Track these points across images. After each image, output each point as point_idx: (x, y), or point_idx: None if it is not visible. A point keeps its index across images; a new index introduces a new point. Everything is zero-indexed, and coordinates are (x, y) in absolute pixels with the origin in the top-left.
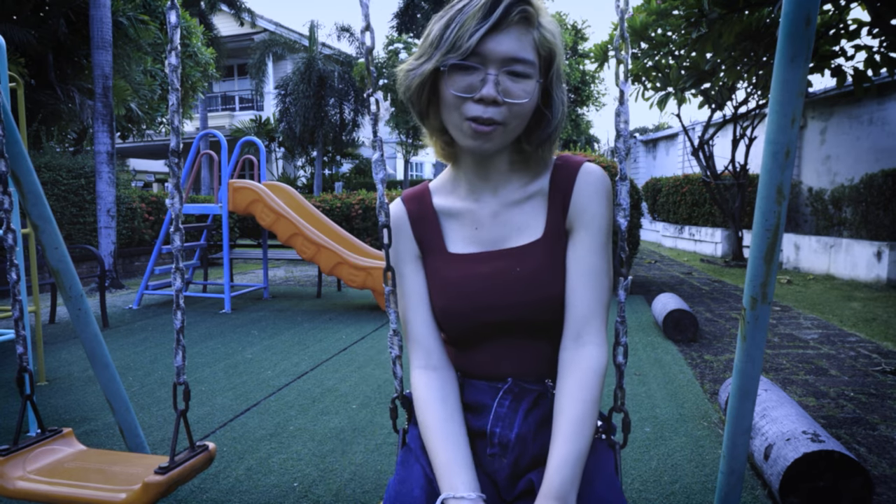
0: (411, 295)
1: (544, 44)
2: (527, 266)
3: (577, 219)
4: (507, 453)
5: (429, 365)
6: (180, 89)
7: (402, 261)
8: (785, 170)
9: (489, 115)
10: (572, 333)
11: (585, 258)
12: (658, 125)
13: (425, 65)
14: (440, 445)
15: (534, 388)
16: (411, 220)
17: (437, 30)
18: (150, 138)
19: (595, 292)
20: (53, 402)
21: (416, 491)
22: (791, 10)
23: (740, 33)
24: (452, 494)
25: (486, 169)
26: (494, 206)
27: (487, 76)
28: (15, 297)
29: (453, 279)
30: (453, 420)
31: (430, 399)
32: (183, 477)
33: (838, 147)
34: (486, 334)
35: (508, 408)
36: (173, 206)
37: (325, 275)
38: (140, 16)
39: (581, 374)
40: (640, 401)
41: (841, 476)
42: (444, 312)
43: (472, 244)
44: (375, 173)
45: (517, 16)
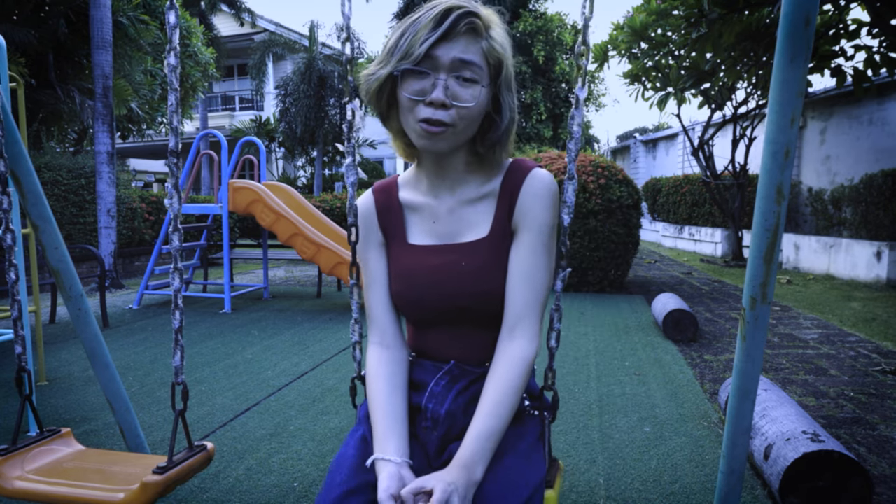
0: (372, 279)
1: (492, 53)
2: (472, 261)
3: (521, 220)
4: (437, 427)
5: (382, 342)
6: (180, 89)
7: (367, 247)
8: (785, 170)
9: (438, 117)
10: (507, 327)
11: (525, 258)
12: (658, 125)
13: (382, 70)
14: (380, 415)
15: (474, 370)
16: (378, 210)
17: (393, 39)
18: (151, 138)
19: (531, 291)
20: (53, 402)
21: (352, 451)
22: (791, 10)
23: (740, 33)
24: (382, 456)
25: (443, 168)
26: (451, 203)
27: (437, 81)
28: (14, 297)
29: (408, 267)
30: (396, 394)
31: (379, 374)
32: (181, 477)
33: (838, 147)
34: (435, 320)
35: (443, 387)
36: (172, 206)
37: (325, 275)
38: (140, 16)
39: (508, 364)
40: (640, 401)
41: (841, 476)
42: (398, 297)
43: (429, 237)
44: (347, 177)
45: (465, 27)
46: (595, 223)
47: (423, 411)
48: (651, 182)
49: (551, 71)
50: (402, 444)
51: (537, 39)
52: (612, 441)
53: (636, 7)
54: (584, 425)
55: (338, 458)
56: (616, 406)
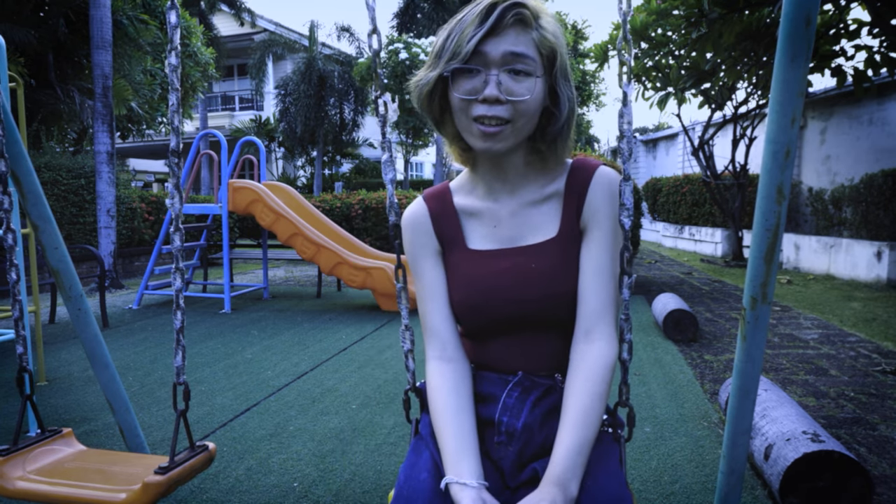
0: (430, 288)
1: (545, 43)
2: (542, 263)
3: (590, 219)
4: (513, 442)
5: (444, 356)
6: (180, 89)
7: (422, 256)
8: (785, 170)
9: (494, 113)
10: (583, 329)
11: (598, 257)
12: (658, 125)
13: (431, 73)
14: (449, 434)
15: (543, 381)
16: (432, 217)
17: (440, 41)
18: (150, 138)
19: (606, 290)
20: (53, 402)
21: (424, 475)
22: (791, 10)
23: (740, 33)
24: (456, 480)
25: (503, 170)
26: (512, 206)
27: (489, 77)
28: (15, 297)
29: (472, 274)
30: (463, 410)
31: (443, 389)
32: (183, 477)
33: (838, 147)
34: (500, 328)
35: (517, 399)
36: (173, 206)
37: (325, 275)
38: (140, 15)
39: (589, 368)
40: (640, 401)
41: (841, 476)
42: (462, 305)
43: (491, 241)
44: (385, 174)
45: (512, 18)
46: None
47: (497, 425)
48: (651, 182)
49: None
50: (476, 465)
51: None
52: None
53: (636, 7)
54: None
55: (408, 481)
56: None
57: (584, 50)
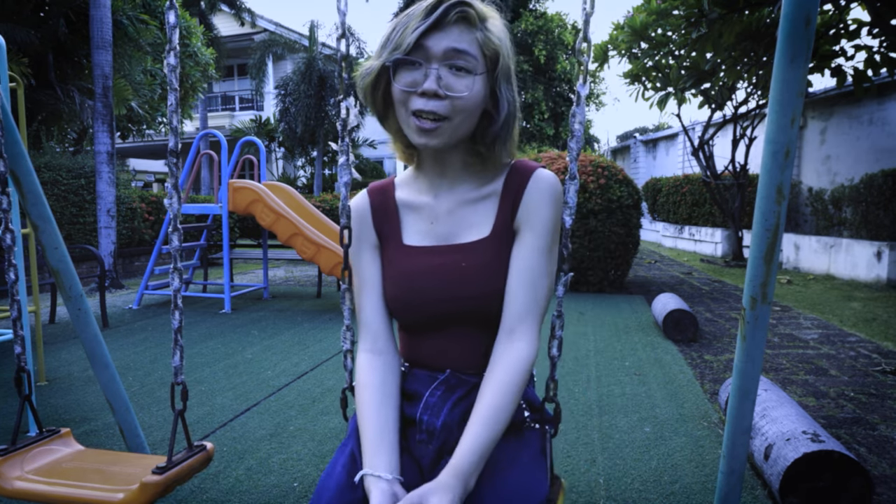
0: (366, 281)
1: (488, 44)
2: (472, 261)
3: (524, 221)
4: (433, 440)
5: (374, 349)
6: (179, 89)
7: (360, 249)
8: (785, 170)
9: (431, 108)
10: (506, 329)
11: (527, 258)
12: (658, 125)
13: (374, 63)
14: (370, 428)
15: (470, 379)
16: (373, 210)
17: (386, 32)
18: (150, 138)
19: (531, 292)
20: (53, 402)
21: (338, 468)
22: (791, 10)
23: (740, 33)
24: (371, 472)
25: (443, 167)
26: (450, 203)
27: (429, 70)
28: (13, 297)
29: (405, 270)
30: (386, 404)
31: (370, 382)
32: (181, 477)
33: (838, 147)
34: (432, 324)
35: (439, 398)
36: (171, 206)
37: (325, 275)
38: (140, 15)
39: (506, 367)
40: (640, 401)
41: (841, 476)
42: (394, 301)
43: (427, 237)
44: (340, 177)
45: (455, 16)
46: (595, 223)
47: (418, 424)
48: (651, 182)
49: (552, 70)
50: (393, 459)
51: (538, 39)
52: (612, 441)
53: (636, 7)
54: (584, 425)
55: (324, 477)
56: (616, 406)
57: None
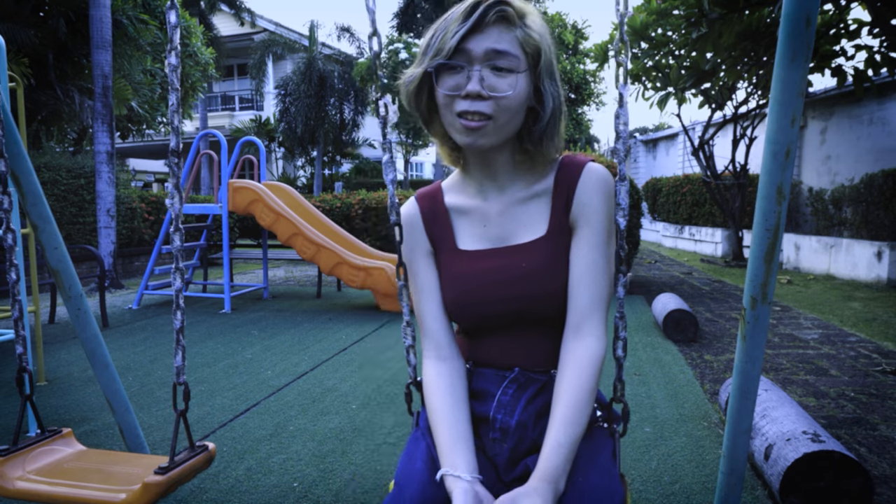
0: (423, 289)
1: (529, 41)
2: (531, 261)
3: (579, 216)
4: (507, 438)
5: (439, 356)
6: (180, 89)
7: (415, 256)
8: (785, 170)
9: (476, 108)
10: (573, 326)
11: (587, 254)
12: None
13: (417, 70)
14: (444, 430)
15: (539, 377)
16: (424, 217)
17: (426, 39)
18: (150, 138)
19: (595, 287)
20: (53, 402)
21: (419, 464)
22: (791, 10)
23: (740, 33)
24: (451, 472)
25: (491, 168)
26: (501, 205)
27: (472, 73)
28: (14, 297)
29: (462, 274)
30: (458, 407)
31: (439, 388)
32: (183, 477)
33: (838, 147)
34: (493, 326)
35: (512, 396)
36: (173, 206)
37: (325, 275)
38: (140, 15)
39: (578, 365)
40: (640, 401)
41: (841, 476)
42: (454, 305)
43: (481, 241)
44: (386, 174)
45: (494, 16)
46: None
47: (492, 422)
48: (651, 182)
49: None
50: (471, 459)
51: None
52: None
53: (636, 7)
54: None
55: (404, 470)
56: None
57: (585, 50)
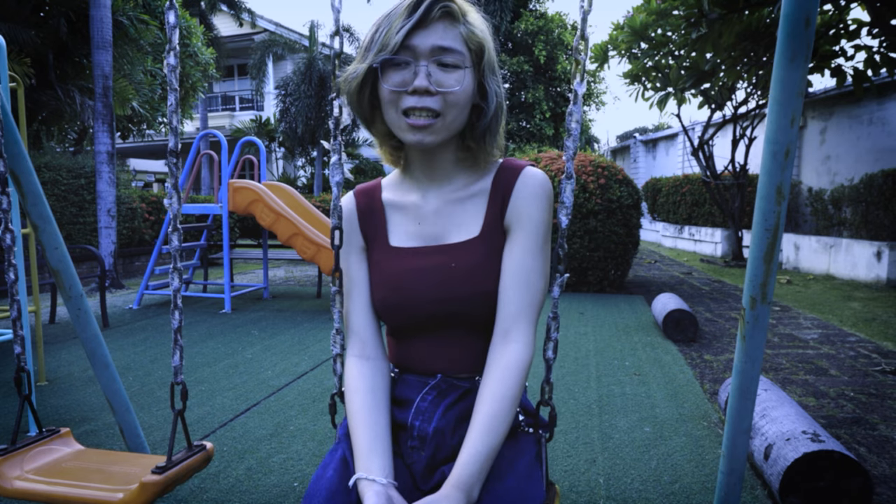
0: (352, 285)
1: (472, 38)
2: (462, 262)
3: (514, 220)
4: (425, 446)
5: (363, 354)
6: (179, 89)
7: (347, 252)
8: (785, 170)
9: (424, 105)
10: (500, 331)
11: (519, 259)
12: (658, 125)
13: (360, 66)
14: (362, 432)
15: (462, 384)
16: (359, 212)
17: (368, 35)
18: (151, 138)
19: (525, 293)
20: (53, 402)
21: (329, 472)
22: (791, 10)
23: (740, 33)
24: (365, 476)
25: (432, 166)
26: (438, 203)
27: (418, 68)
28: (13, 297)
29: (392, 272)
30: (377, 410)
31: (360, 388)
32: (180, 476)
33: (838, 147)
34: (421, 327)
35: (431, 402)
36: (171, 206)
37: (325, 275)
38: (140, 15)
39: (502, 372)
40: (640, 401)
41: (841, 476)
42: (382, 304)
43: (414, 239)
44: (332, 176)
45: (439, 12)
46: (595, 223)
47: (409, 429)
48: (651, 182)
49: (552, 70)
50: (387, 463)
51: (538, 39)
52: (612, 441)
53: (636, 7)
54: (584, 425)
55: (314, 481)
56: (616, 406)
57: None
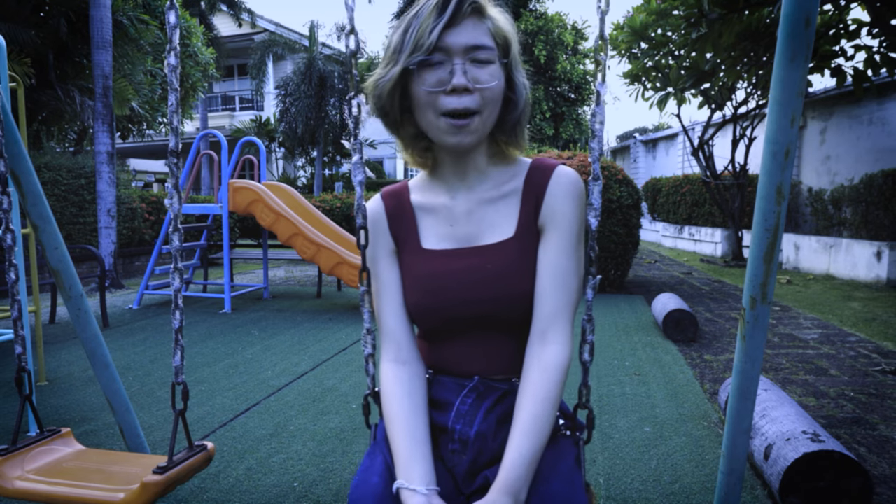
0: (385, 289)
1: (499, 32)
2: (497, 263)
3: (548, 220)
4: (466, 450)
5: (398, 358)
6: (180, 89)
7: (377, 256)
8: (785, 170)
9: (464, 104)
10: (538, 332)
11: (554, 259)
12: (658, 125)
13: (393, 69)
14: (401, 439)
15: (500, 386)
16: (388, 215)
17: (397, 37)
18: (151, 138)
19: (562, 293)
20: (53, 402)
21: (375, 478)
22: (791, 10)
23: (740, 33)
24: (407, 485)
25: (464, 167)
26: (469, 204)
27: (455, 66)
28: (14, 297)
29: (425, 274)
30: (416, 414)
31: (397, 392)
32: (181, 477)
33: (838, 147)
34: (456, 330)
35: (471, 405)
36: (172, 206)
37: (325, 275)
38: (140, 15)
39: (542, 373)
40: (640, 401)
41: (841, 476)
42: (416, 307)
43: (446, 240)
44: (354, 176)
45: (469, 8)
46: None
47: (450, 433)
48: (651, 182)
49: (552, 70)
50: (428, 471)
51: (538, 39)
52: (612, 441)
53: (636, 7)
54: None
55: (358, 486)
56: (616, 406)
57: (585, 50)
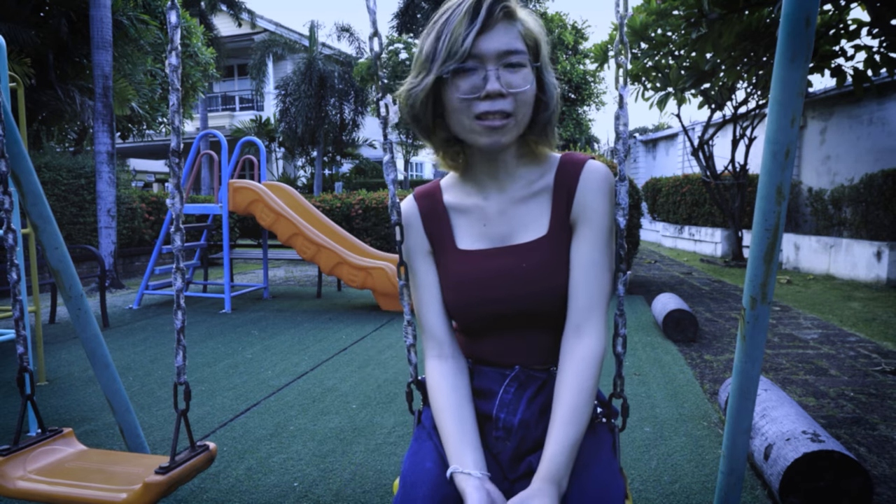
0: (423, 289)
1: (529, 34)
2: (532, 262)
3: (580, 215)
4: (511, 437)
5: (441, 355)
6: (181, 89)
7: (413, 256)
8: (785, 170)
9: (498, 108)
10: (573, 325)
11: (588, 253)
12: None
13: (426, 78)
14: (451, 428)
15: (539, 375)
16: (422, 216)
17: (428, 44)
18: (151, 138)
19: (595, 286)
20: (53, 402)
21: (429, 464)
22: (791, 10)
23: (740, 33)
24: (461, 469)
25: (495, 167)
26: (501, 203)
27: (489, 73)
28: (15, 297)
29: (463, 275)
30: (463, 405)
31: (443, 386)
32: (183, 477)
33: (838, 147)
34: (494, 325)
35: (514, 394)
36: (174, 206)
37: (325, 275)
38: (140, 16)
39: (578, 364)
40: (640, 401)
41: (841, 476)
42: (454, 306)
43: (480, 240)
44: (387, 174)
45: (500, 13)
46: None
47: (495, 421)
48: (651, 182)
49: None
50: (479, 457)
51: None
52: None
53: (636, 7)
54: None
55: (412, 469)
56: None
57: (585, 50)
